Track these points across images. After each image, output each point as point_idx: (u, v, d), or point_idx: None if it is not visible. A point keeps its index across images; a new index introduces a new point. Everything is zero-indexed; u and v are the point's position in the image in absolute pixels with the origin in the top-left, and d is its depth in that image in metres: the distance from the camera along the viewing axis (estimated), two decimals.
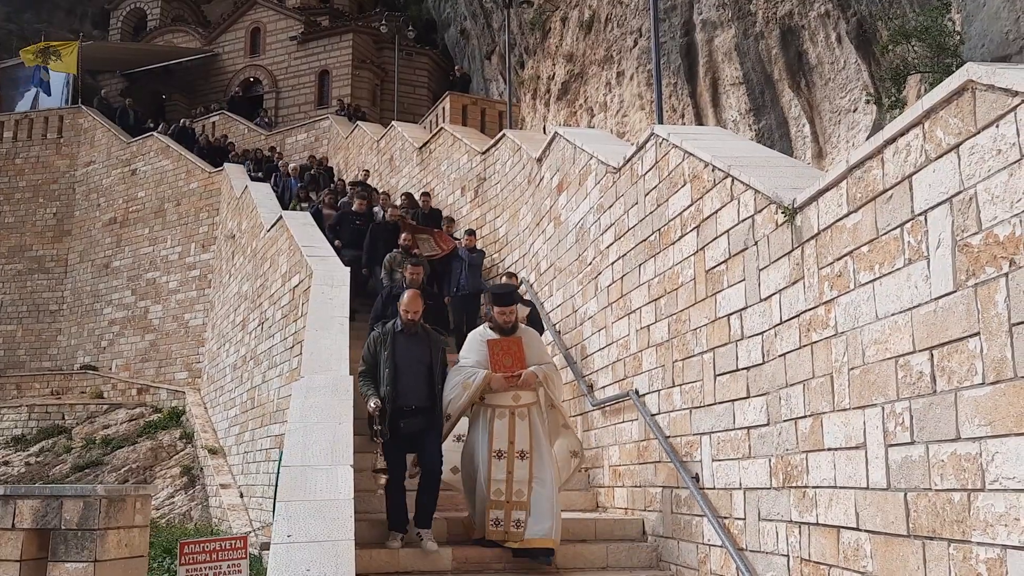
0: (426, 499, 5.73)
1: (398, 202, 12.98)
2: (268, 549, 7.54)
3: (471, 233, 11.00)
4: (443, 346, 6.13)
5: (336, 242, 10.97)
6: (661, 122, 9.73)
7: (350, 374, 6.63)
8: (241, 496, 11.96)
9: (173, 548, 8.11)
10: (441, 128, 15.12)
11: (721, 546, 5.05)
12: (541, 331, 7.65)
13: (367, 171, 16.67)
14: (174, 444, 15.74)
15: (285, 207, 14.03)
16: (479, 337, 5.97)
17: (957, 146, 3.14)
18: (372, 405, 5.56)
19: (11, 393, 20.64)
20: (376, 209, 12.14)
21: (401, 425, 5.64)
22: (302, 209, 13.48)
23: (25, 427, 18.77)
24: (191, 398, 16.89)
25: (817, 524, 4.08)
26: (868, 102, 10.53)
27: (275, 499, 8.19)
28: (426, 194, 12.92)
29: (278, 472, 8.22)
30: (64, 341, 21.93)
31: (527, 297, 8.89)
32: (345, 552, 4.34)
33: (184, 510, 13.34)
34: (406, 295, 6.03)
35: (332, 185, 13.77)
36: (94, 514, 4.71)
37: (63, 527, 4.75)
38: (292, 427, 5.53)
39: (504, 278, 8.26)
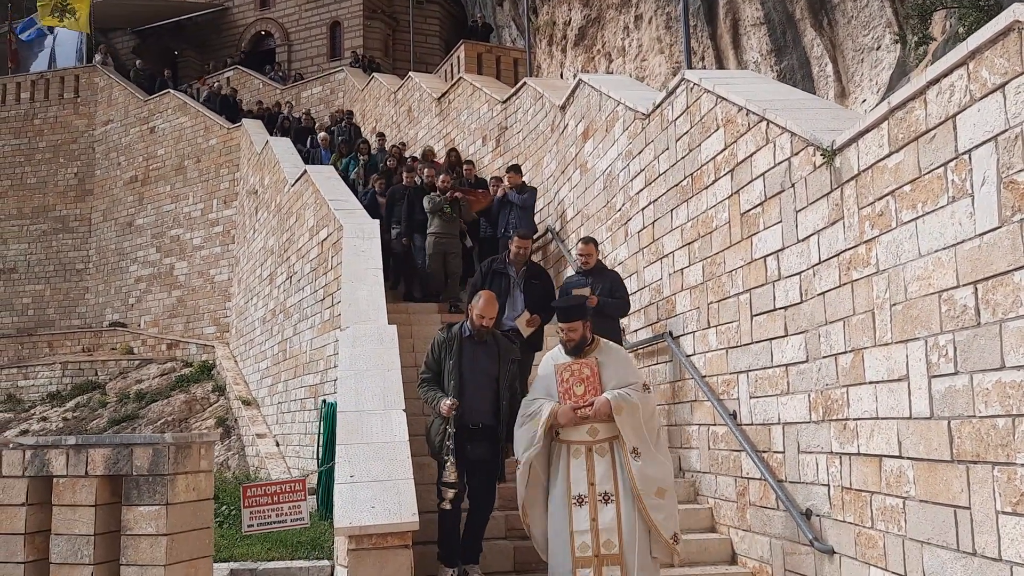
0: (473, 535, 5.26)
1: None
2: (312, 495, 7.85)
3: (516, 169, 9.94)
4: (514, 356, 5.46)
5: (393, 227, 10.10)
6: (689, 66, 9.71)
7: (389, 324, 6.83)
8: (277, 445, 12.29)
9: (217, 494, 8.42)
10: (460, 78, 15.10)
11: (760, 478, 5.25)
12: (623, 310, 6.85)
13: (382, 135, 16.59)
14: (207, 396, 16.10)
15: None
16: (551, 360, 5.01)
17: (1003, 85, 3.23)
18: (448, 403, 4.97)
19: (43, 351, 21.08)
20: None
21: (468, 449, 5.09)
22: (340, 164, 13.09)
23: (60, 384, 19.22)
24: (220, 352, 17.21)
25: (858, 454, 4.26)
26: (894, 41, 10.46)
27: (318, 445, 8.49)
28: (469, 162, 11.91)
29: (320, 420, 8.48)
30: (92, 299, 22.28)
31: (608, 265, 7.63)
32: (406, 489, 4.57)
33: (221, 459, 13.72)
34: (482, 298, 5.30)
35: (382, 166, 12.11)
36: (163, 460, 4.93)
37: (135, 473, 4.98)
38: (343, 375, 5.73)
39: (580, 245, 7.05)
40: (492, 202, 10.06)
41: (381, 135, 14.71)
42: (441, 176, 9.86)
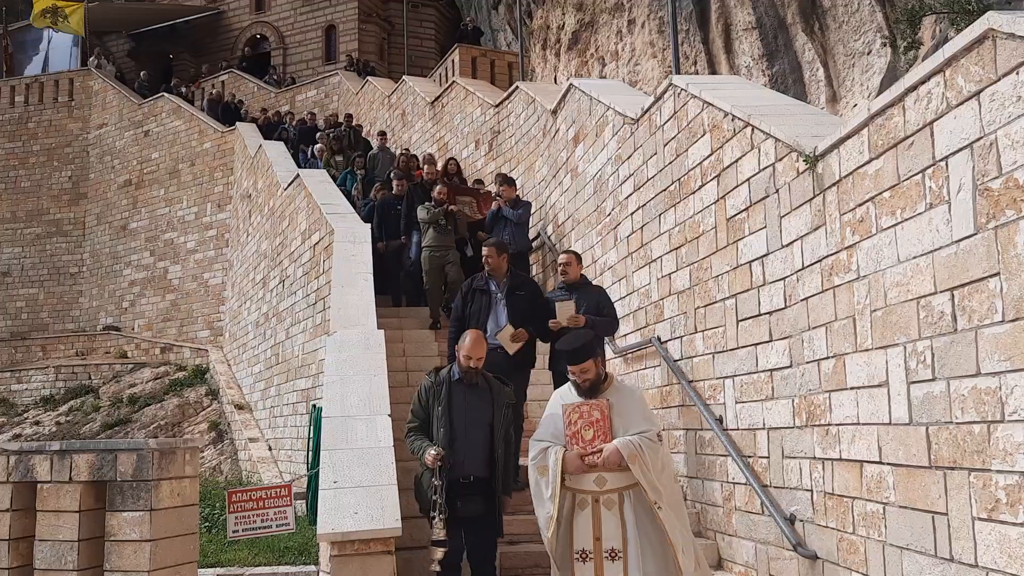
0: None
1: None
2: (301, 499, 7.85)
3: (510, 182, 9.67)
4: (509, 401, 4.94)
5: (379, 243, 9.82)
6: (678, 72, 9.74)
7: (378, 328, 6.84)
8: (270, 449, 12.29)
9: (207, 499, 8.43)
10: (453, 82, 15.12)
11: (745, 483, 5.26)
12: (612, 329, 6.57)
13: (384, 133, 16.54)
14: (200, 401, 16.09)
15: None
16: (559, 399, 4.56)
17: (978, 93, 3.24)
18: (433, 453, 4.50)
19: (37, 355, 21.05)
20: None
21: (458, 505, 4.61)
22: (335, 164, 12.90)
23: (53, 388, 19.19)
24: (214, 355, 17.20)
25: (840, 459, 4.27)
26: (884, 45, 10.49)
27: (308, 449, 8.50)
28: (509, 179, 11.03)
29: (310, 424, 8.49)
30: (86, 303, 22.26)
31: (594, 283, 7.33)
32: (389, 495, 4.57)
33: (214, 464, 13.71)
34: (468, 337, 4.83)
35: (389, 172, 11.55)
36: (147, 466, 4.94)
37: (118, 479, 4.98)
38: (329, 380, 5.73)
39: (561, 256, 6.78)
40: (486, 217, 9.73)
41: (382, 134, 14.47)
42: (437, 187, 9.63)
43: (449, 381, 4.81)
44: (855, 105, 11.46)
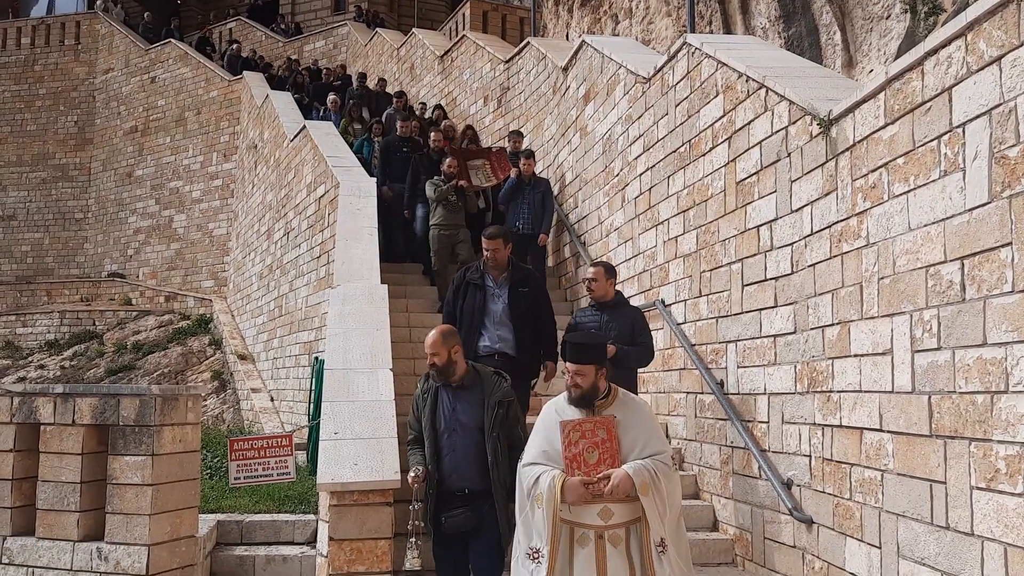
0: None
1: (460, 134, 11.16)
2: (301, 450, 7.91)
3: (529, 156, 9.01)
4: (503, 399, 4.18)
5: (384, 186, 9.49)
6: (692, 31, 9.59)
7: (382, 283, 6.82)
8: (272, 400, 12.36)
9: (210, 446, 8.51)
10: (463, 36, 14.91)
11: (744, 447, 5.28)
12: (646, 359, 5.65)
13: (383, 80, 16.31)
14: (204, 350, 16.16)
15: None
16: (554, 411, 3.79)
17: (999, 58, 3.17)
18: (411, 476, 4.06)
19: (42, 299, 21.13)
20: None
21: (443, 520, 4.09)
22: (352, 131, 12.02)
23: (57, 332, 19.30)
24: (218, 306, 17.24)
25: (840, 426, 4.27)
26: (904, 10, 10.29)
27: (309, 401, 8.54)
28: (518, 132, 10.68)
29: (312, 376, 8.52)
30: (91, 249, 22.27)
31: (629, 298, 6.35)
32: (389, 448, 4.59)
33: (216, 412, 13.82)
34: (432, 333, 4.21)
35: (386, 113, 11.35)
36: (150, 411, 4.96)
37: (121, 423, 5.01)
38: (332, 332, 5.73)
39: (589, 269, 5.68)
40: (504, 181, 9.01)
41: (400, 94, 13.51)
42: (447, 160, 8.95)
43: (436, 386, 4.23)
44: (871, 71, 11.28)
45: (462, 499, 4.07)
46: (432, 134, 9.92)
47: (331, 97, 13.97)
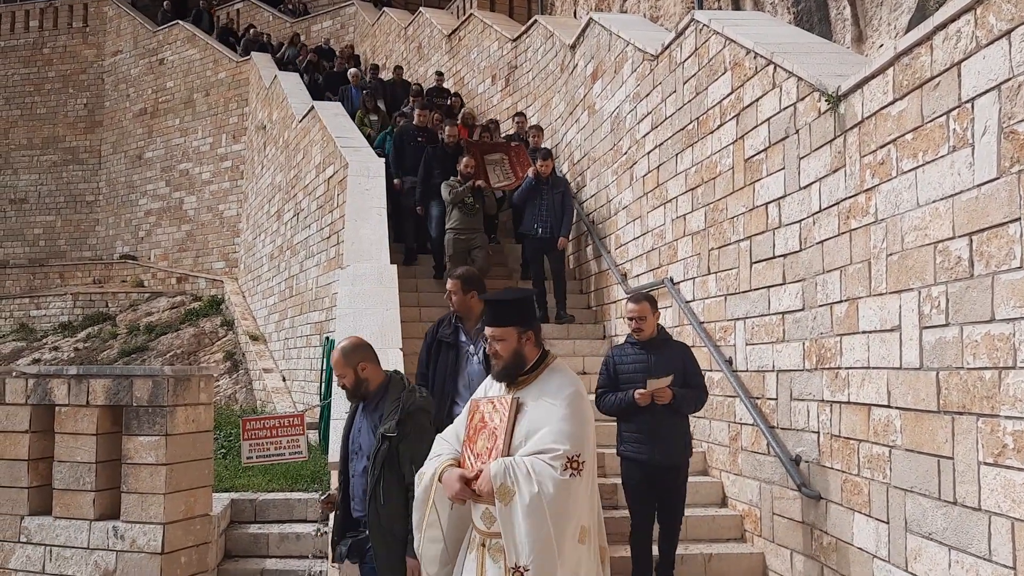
0: None
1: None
2: (313, 429, 7.98)
3: (547, 156, 8.42)
4: (385, 431, 3.56)
5: (396, 181, 9.31)
6: (701, 7, 9.50)
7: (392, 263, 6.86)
8: (284, 380, 12.45)
9: (223, 426, 8.61)
10: (471, 14, 14.84)
11: (753, 424, 5.30)
12: (701, 403, 4.95)
13: (400, 67, 16.26)
14: (215, 331, 16.26)
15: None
16: (480, 388, 3.35)
17: (1009, 32, 3.15)
18: (321, 498, 3.96)
19: (55, 282, 21.27)
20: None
21: (339, 546, 3.82)
22: (369, 123, 11.58)
23: (71, 314, 19.44)
24: (229, 287, 17.33)
25: (848, 403, 4.28)
26: None
27: (321, 381, 8.60)
28: (521, 114, 10.51)
29: (323, 356, 8.58)
30: (102, 231, 22.37)
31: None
32: None
33: (229, 392, 13.92)
34: (333, 353, 3.90)
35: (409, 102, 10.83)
36: (163, 392, 5.02)
37: (134, 404, 5.07)
38: (342, 312, 5.77)
39: (630, 305, 4.97)
40: (521, 183, 8.55)
41: (419, 92, 12.56)
42: (464, 160, 8.50)
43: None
44: (881, 46, 11.17)
45: (360, 526, 3.73)
46: (447, 128, 9.49)
47: (352, 71, 13.67)
